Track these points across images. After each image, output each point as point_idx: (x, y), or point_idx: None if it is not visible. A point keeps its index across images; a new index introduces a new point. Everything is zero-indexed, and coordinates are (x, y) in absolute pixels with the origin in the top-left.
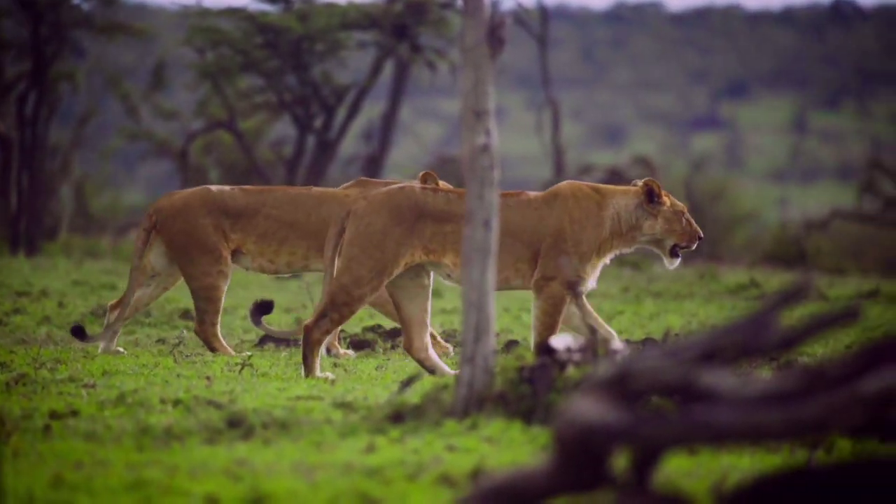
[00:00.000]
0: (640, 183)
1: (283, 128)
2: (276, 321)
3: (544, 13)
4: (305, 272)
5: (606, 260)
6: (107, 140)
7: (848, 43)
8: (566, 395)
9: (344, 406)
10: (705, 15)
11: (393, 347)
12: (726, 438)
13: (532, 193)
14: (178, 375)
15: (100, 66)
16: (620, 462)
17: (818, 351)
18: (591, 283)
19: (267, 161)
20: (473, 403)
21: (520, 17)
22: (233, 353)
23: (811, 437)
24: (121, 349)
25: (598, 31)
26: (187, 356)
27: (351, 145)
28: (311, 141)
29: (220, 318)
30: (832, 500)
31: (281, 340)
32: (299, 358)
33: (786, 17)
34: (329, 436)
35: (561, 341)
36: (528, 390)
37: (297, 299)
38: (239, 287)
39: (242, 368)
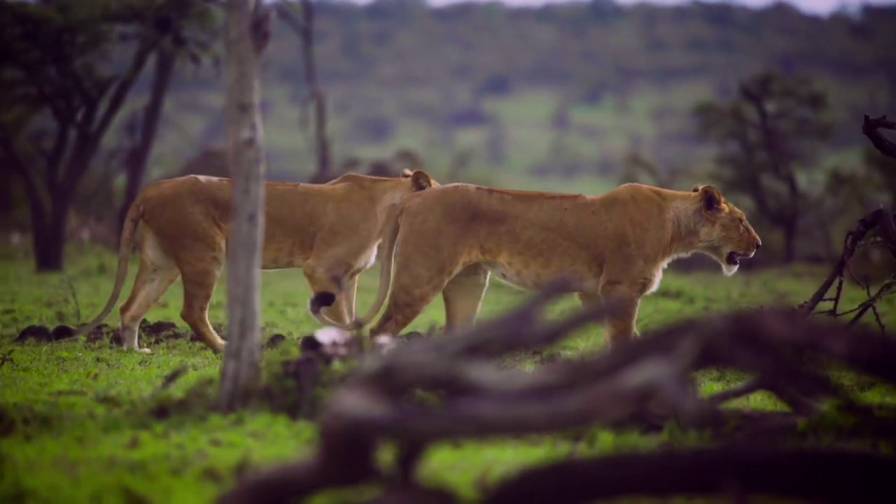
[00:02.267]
0: (699, 188)
1: (44, 120)
2: (38, 315)
3: (308, 7)
4: (290, 267)
5: (664, 264)
6: None
7: (607, 39)
8: (332, 389)
9: (107, 401)
10: (467, 10)
11: (157, 342)
12: (491, 432)
13: (589, 197)
14: None
15: None
16: (386, 456)
17: (581, 345)
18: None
19: (27, 154)
20: (238, 398)
21: (284, 10)
22: (220, 341)
23: (574, 429)
24: (147, 349)
25: (361, 26)
26: None
27: (113, 138)
28: (72, 134)
29: (208, 305)
30: (594, 493)
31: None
32: (60, 353)
33: (546, 13)
34: (92, 431)
35: (326, 335)
36: (294, 385)
37: (59, 293)
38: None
39: (2, 363)
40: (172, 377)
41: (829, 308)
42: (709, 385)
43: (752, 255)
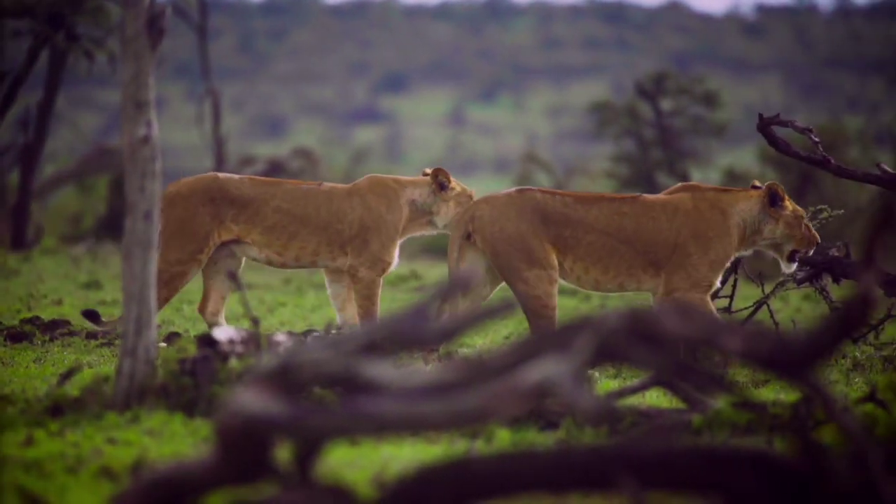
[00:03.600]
0: (758, 184)
1: None
2: None
3: (203, 4)
4: (313, 267)
5: (727, 264)
6: None
7: (504, 37)
8: (229, 387)
9: (1, 399)
10: (363, 8)
11: (51, 339)
12: (388, 429)
13: (650, 197)
14: None
15: None
16: (284, 454)
17: (478, 342)
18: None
19: None
20: (135, 396)
21: (179, 7)
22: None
23: (472, 427)
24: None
25: (256, 23)
26: None
27: (6, 134)
28: None
29: (164, 304)
30: (492, 490)
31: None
32: None
33: (442, 11)
34: None
35: (223, 333)
36: (190, 382)
37: None
38: None
39: None
40: (68, 375)
41: (724, 305)
42: (605, 382)
43: (811, 253)
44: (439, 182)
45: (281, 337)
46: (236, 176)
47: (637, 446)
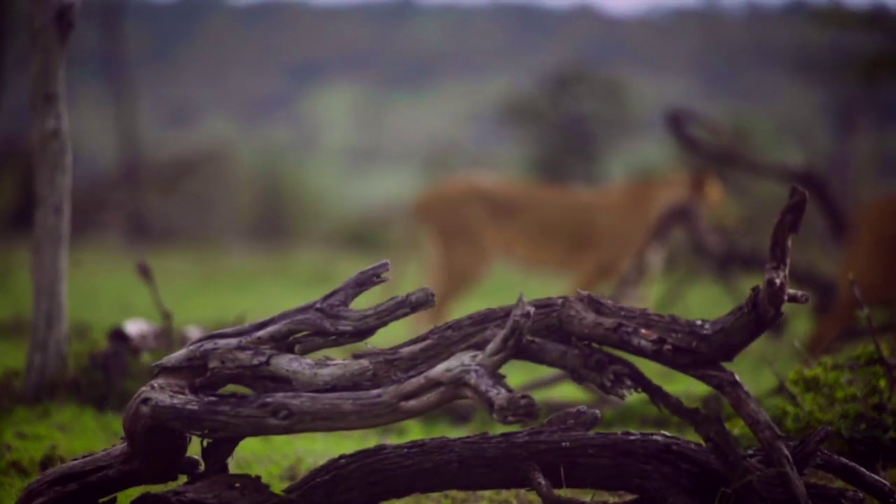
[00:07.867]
0: None
1: None
2: None
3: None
4: (563, 269)
5: None
6: None
7: (414, 34)
8: (140, 381)
9: None
10: (273, 7)
11: None
12: (300, 424)
13: None
14: None
15: None
16: (196, 449)
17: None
18: None
19: None
20: (45, 390)
21: None
22: None
23: (385, 422)
24: None
25: (168, 19)
26: None
27: None
28: None
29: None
30: (403, 481)
31: None
32: None
33: (353, 8)
34: None
35: (134, 327)
36: (102, 377)
37: None
38: None
39: None
40: None
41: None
42: (516, 375)
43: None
44: (700, 184)
45: (193, 331)
46: (490, 179)
47: (548, 439)
